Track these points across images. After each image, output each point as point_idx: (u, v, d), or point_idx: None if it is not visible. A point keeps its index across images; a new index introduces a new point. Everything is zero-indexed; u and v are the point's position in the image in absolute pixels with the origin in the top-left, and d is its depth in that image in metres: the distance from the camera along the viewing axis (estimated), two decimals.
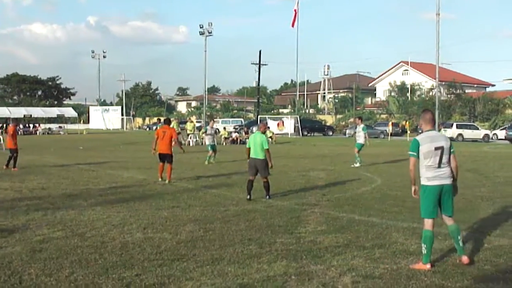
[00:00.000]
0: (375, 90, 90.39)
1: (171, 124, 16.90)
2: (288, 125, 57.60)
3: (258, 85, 67.19)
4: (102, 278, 5.85)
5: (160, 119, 27.94)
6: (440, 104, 58.35)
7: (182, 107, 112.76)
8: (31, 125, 63.90)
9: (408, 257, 6.73)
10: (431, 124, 6.64)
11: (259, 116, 58.56)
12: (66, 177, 15.41)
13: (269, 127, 45.20)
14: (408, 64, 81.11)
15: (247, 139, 13.94)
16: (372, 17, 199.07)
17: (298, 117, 60.81)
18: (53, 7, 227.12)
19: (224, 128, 42.34)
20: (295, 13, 73.55)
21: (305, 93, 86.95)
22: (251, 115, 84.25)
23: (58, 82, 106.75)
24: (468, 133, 47.12)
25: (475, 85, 78.87)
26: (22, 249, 7.04)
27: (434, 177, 6.39)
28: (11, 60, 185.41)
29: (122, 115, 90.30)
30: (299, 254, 6.87)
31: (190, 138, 34.95)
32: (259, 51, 58.36)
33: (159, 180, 14.34)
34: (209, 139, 21.62)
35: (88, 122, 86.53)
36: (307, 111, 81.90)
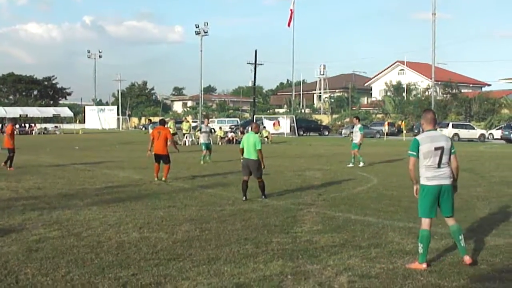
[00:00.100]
0: (371, 90, 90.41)
1: (166, 124, 16.89)
2: (284, 124, 57.62)
3: (254, 84, 67.04)
4: (99, 278, 5.84)
5: (151, 120, 27.79)
6: (436, 103, 58.62)
7: (178, 107, 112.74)
8: (27, 125, 63.63)
9: (404, 257, 6.74)
10: (432, 124, 6.63)
11: (255, 116, 58.47)
12: (62, 177, 15.39)
13: (265, 127, 45.27)
14: (404, 64, 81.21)
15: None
16: (368, 17, 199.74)
17: (294, 117, 60.77)
18: (48, 6, 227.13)
19: (220, 128, 42.32)
20: (291, 12, 73.53)
21: (301, 92, 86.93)
22: (247, 114, 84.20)
23: (54, 82, 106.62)
24: (464, 133, 47.20)
25: (471, 85, 79.01)
26: (19, 249, 7.02)
27: (433, 177, 6.39)
28: (7, 59, 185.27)
29: (118, 115, 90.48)
30: (295, 253, 6.88)
31: (186, 138, 34.92)
32: (255, 51, 58.04)
33: (155, 180, 14.34)
34: (204, 137, 21.34)
35: (84, 122, 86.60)
36: (303, 110, 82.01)
